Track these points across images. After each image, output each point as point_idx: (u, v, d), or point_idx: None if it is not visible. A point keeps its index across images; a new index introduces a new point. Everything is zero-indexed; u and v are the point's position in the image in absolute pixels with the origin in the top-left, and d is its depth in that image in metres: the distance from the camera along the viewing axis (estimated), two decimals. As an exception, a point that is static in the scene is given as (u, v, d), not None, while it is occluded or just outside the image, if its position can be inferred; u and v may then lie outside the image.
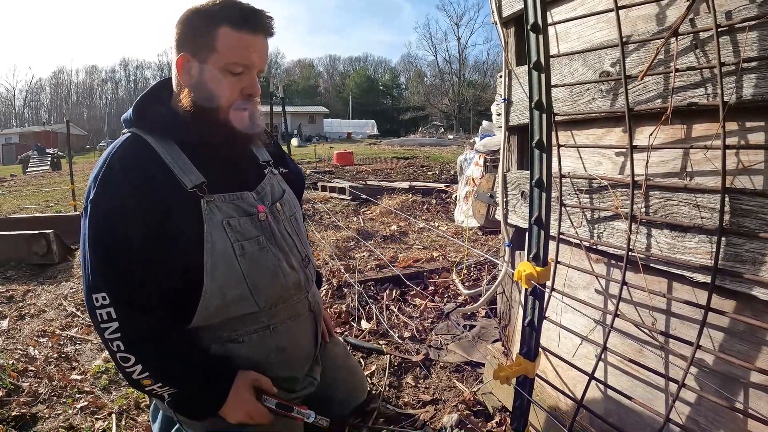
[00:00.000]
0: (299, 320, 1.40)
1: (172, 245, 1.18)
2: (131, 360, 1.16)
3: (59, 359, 2.41)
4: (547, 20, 1.13)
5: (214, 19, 1.15)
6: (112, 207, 1.14)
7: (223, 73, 1.18)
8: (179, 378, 1.21)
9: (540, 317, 1.24)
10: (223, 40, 1.16)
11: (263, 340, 1.31)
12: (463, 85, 61.20)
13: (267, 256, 1.29)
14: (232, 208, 1.25)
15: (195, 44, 1.18)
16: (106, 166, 1.17)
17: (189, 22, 1.19)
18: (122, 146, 1.21)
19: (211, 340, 1.27)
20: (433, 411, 1.87)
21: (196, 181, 1.20)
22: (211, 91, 1.19)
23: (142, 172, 1.17)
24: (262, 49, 1.22)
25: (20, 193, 12.04)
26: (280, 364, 1.35)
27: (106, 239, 1.14)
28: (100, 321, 1.14)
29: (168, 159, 1.20)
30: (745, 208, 0.97)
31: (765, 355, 0.99)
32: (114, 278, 1.15)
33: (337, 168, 13.26)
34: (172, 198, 1.17)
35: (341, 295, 3.09)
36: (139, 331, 1.16)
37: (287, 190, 1.48)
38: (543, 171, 1.16)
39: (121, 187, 1.15)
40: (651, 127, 1.16)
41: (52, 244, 4.23)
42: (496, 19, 1.73)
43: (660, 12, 1.18)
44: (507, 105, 1.69)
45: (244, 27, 1.16)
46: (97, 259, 1.14)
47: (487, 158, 5.05)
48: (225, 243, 1.21)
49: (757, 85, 0.95)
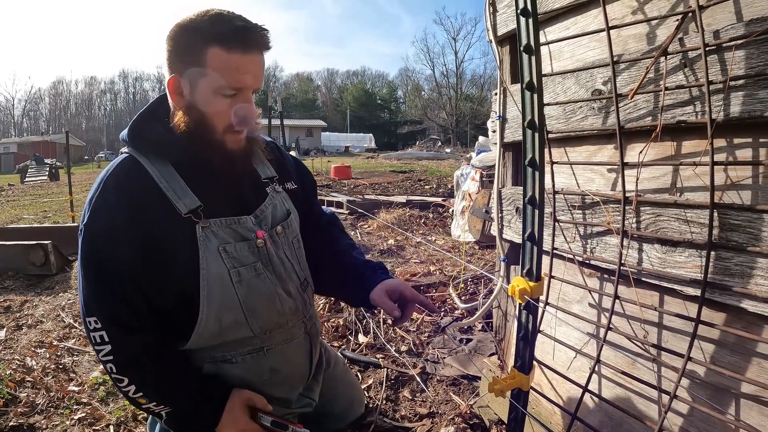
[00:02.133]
0: (294, 342, 1.38)
1: (166, 271, 1.16)
2: (125, 381, 1.16)
3: (57, 370, 2.41)
4: (540, 41, 1.17)
5: (203, 37, 1.08)
6: (103, 233, 1.13)
7: (215, 96, 1.12)
8: (173, 398, 1.20)
9: (534, 331, 1.26)
10: (213, 61, 1.08)
11: (257, 362, 1.30)
12: (460, 98, 61.68)
13: (264, 283, 1.26)
14: (228, 233, 1.21)
15: (184, 65, 1.12)
16: (99, 191, 1.15)
17: (177, 39, 1.12)
18: (116, 170, 1.18)
19: (204, 360, 1.27)
20: (430, 424, 1.87)
21: (191, 205, 1.16)
22: (204, 115, 1.14)
23: (135, 198, 1.13)
24: (256, 68, 1.14)
25: (18, 202, 12.03)
26: (274, 386, 1.34)
27: (98, 265, 1.14)
28: (94, 343, 1.15)
29: (163, 183, 1.16)
30: (734, 223, 1.00)
31: (755, 366, 1.01)
32: (104, 305, 1.14)
33: (335, 182, 13.31)
34: (166, 224, 1.14)
35: (338, 309, 3.09)
36: (130, 355, 1.16)
37: (291, 209, 1.41)
38: (536, 188, 1.19)
39: (113, 214, 1.12)
40: (641, 144, 1.19)
41: (50, 254, 4.23)
42: (491, 38, 1.77)
43: (650, 31, 1.21)
44: (502, 122, 1.72)
45: (234, 46, 1.08)
46: (89, 285, 1.14)
47: (483, 173, 5.10)
48: (221, 269, 1.18)
49: (744, 102, 0.97)
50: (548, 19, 1.52)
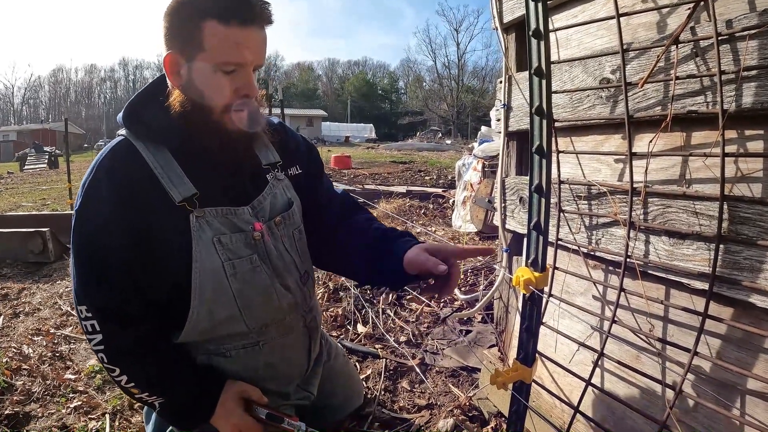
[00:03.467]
0: (291, 337, 1.35)
1: (158, 261, 1.12)
2: (116, 371, 1.14)
3: (53, 358, 2.40)
4: (549, 26, 1.14)
5: (200, 11, 1.02)
6: (94, 220, 1.10)
7: (214, 73, 1.06)
8: (166, 389, 1.18)
9: (537, 323, 1.24)
10: (210, 36, 1.03)
11: (252, 356, 1.27)
12: (461, 90, 61.57)
13: (260, 277, 1.21)
14: (224, 224, 1.16)
15: (181, 41, 1.06)
16: (92, 176, 1.11)
17: (174, 14, 1.06)
18: (110, 153, 1.14)
19: (198, 352, 1.25)
20: (429, 416, 1.86)
21: (186, 193, 1.12)
22: (202, 93, 1.09)
23: (128, 184, 1.09)
24: (257, 43, 1.07)
25: (17, 190, 12.00)
26: (269, 380, 1.31)
27: (88, 252, 1.11)
28: (86, 332, 1.13)
29: (158, 170, 1.11)
30: (744, 216, 0.98)
31: (762, 363, 1.00)
32: (95, 293, 1.12)
33: (335, 172, 13.27)
34: (160, 212, 1.10)
35: (337, 299, 3.08)
36: (121, 345, 1.14)
37: (293, 197, 1.35)
38: (542, 177, 1.16)
39: (105, 200, 1.08)
40: (650, 135, 1.16)
41: (48, 242, 4.21)
42: (496, 25, 1.74)
43: (661, 20, 1.19)
44: (506, 111, 1.69)
45: (232, 19, 1.02)
46: (80, 272, 1.12)
47: (485, 163, 5.06)
48: (214, 261, 1.14)
49: (756, 93, 0.95)
50: (556, 6, 1.48)
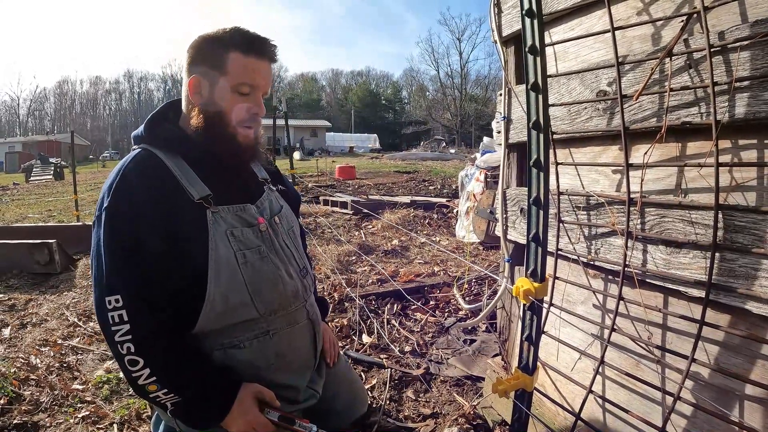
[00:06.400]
0: (297, 327, 1.45)
1: (180, 251, 1.24)
2: (140, 363, 1.18)
3: (61, 368, 2.42)
4: (545, 42, 1.17)
5: (224, 44, 1.28)
6: (128, 212, 1.21)
7: (233, 92, 1.29)
8: (185, 385, 1.23)
9: (538, 332, 1.25)
10: (233, 63, 1.28)
11: (263, 346, 1.36)
12: (464, 99, 61.59)
13: (267, 265, 1.36)
14: (235, 219, 1.33)
15: (206, 67, 1.29)
16: (120, 177, 1.24)
17: (200, 46, 1.31)
18: (135, 159, 1.29)
19: (213, 347, 1.31)
20: (433, 424, 1.87)
21: (202, 193, 1.28)
22: (221, 109, 1.30)
23: (156, 183, 1.25)
24: (267, 74, 1.34)
25: (23, 201, 12.10)
26: (281, 370, 1.39)
27: (123, 242, 1.21)
28: (111, 324, 1.18)
29: (177, 172, 1.28)
30: (738, 224, 1.00)
31: (759, 368, 1.01)
32: (130, 279, 1.20)
33: (339, 182, 13.31)
34: (181, 207, 1.25)
35: (343, 309, 3.10)
36: (149, 333, 1.20)
37: (285, 205, 1.57)
38: (540, 189, 1.18)
39: (136, 195, 1.22)
40: (646, 145, 1.19)
41: (55, 253, 4.25)
42: (496, 38, 1.77)
43: (655, 32, 1.21)
44: (506, 123, 1.72)
45: (251, 52, 1.29)
46: (114, 262, 1.20)
47: (487, 174, 5.09)
48: (228, 251, 1.28)
49: (749, 104, 0.98)
50: (553, 20, 1.52)
